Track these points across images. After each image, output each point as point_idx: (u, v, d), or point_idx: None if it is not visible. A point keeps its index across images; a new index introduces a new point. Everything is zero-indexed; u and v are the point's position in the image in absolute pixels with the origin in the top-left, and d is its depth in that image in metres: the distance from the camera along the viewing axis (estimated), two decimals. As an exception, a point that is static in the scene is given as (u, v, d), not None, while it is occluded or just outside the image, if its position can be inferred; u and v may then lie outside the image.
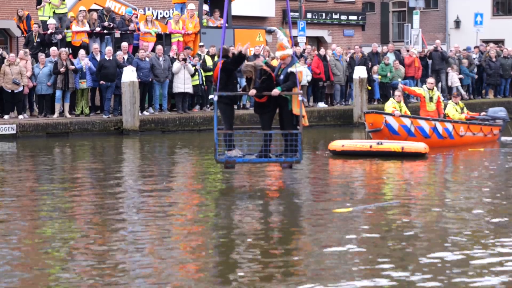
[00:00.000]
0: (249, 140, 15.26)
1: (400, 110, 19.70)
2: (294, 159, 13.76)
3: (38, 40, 24.22)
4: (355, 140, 19.55)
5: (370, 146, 17.74)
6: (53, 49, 23.30)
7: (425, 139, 19.31)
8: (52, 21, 24.34)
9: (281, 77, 13.78)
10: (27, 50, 23.49)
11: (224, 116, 14.07)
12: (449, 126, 20.00)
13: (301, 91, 13.85)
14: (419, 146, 17.72)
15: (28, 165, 17.41)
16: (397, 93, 20.27)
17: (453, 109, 20.96)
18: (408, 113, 20.08)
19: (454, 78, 28.89)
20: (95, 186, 14.22)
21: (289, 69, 13.74)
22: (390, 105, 19.85)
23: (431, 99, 20.37)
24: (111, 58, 23.36)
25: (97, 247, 9.36)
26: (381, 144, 17.78)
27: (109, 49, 23.73)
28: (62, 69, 22.56)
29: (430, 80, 21.13)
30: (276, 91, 13.56)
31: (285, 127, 13.89)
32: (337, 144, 18.06)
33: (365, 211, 11.41)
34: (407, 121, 19.43)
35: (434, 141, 19.52)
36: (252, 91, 13.63)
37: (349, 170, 16.27)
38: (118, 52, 23.82)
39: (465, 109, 21.37)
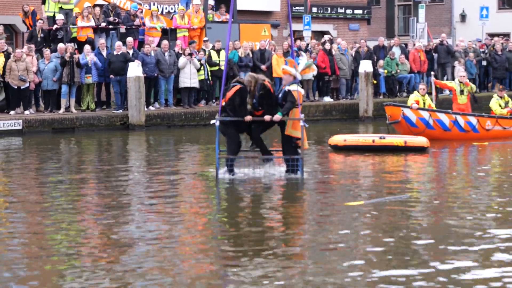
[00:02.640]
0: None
1: (424, 103, 19.98)
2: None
3: (42, 35, 24.23)
4: (357, 134, 19.54)
5: (373, 141, 17.73)
6: (60, 46, 23.29)
7: (444, 132, 19.71)
8: (60, 17, 24.35)
9: (280, 95, 13.81)
10: (32, 45, 23.49)
11: (230, 141, 13.89)
12: (473, 119, 20.12)
13: (303, 116, 13.78)
14: (422, 140, 17.76)
15: (34, 160, 17.44)
16: (421, 86, 20.58)
17: (496, 104, 20.98)
18: (433, 106, 20.33)
19: (460, 72, 28.77)
20: (101, 180, 14.24)
21: (287, 88, 13.73)
22: (412, 98, 20.19)
23: (462, 92, 20.80)
24: (119, 53, 23.37)
25: (104, 243, 9.39)
26: (384, 138, 17.79)
27: (118, 44, 23.74)
28: (68, 55, 22.57)
29: (463, 73, 21.60)
30: (277, 117, 13.56)
31: (284, 150, 13.98)
32: (339, 139, 18.04)
33: (376, 204, 11.43)
34: (425, 114, 19.70)
35: (455, 134, 19.83)
36: (248, 117, 13.55)
37: (354, 164, 16.25)
38: (124, 47, 23.81)
39: (510, 103, 21.27)
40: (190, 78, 24.13)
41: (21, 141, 20.63)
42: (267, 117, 13.57)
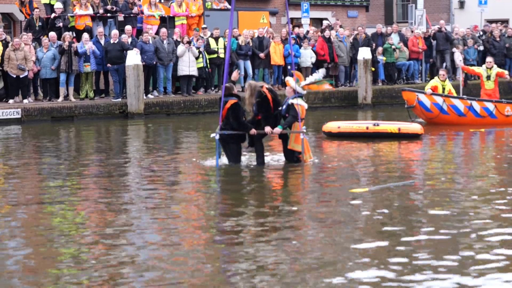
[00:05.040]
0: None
1: (444, 89, 20.62)
2: None
3: (40, 24, 24.21)
4: (351, 121, 19.56)
5: (367, 128, 17.82)
6: (52, 35, 23.25)
7: (459, 117, 20.30)
8: (59, 6, 24.34)
9: (284, 107, 13.82)
10: (29, 34, 23.44)
11: (231, 153, 13.84)
12: (490, 105, 20.50)
13: (304, 129, 13.83)
14: (416, 127, 17.91)
15: (33, 148, 17.45)
16: (441, 72, 21.22)
17: None
18: (453, 91, 20.90)
19: (460, 58, 28.77)
20: (100, 168, 14.25)
21: (290, 101, 13.75)
22: (430, 84, 20.98)
23: (488, 77, 21.42)
24: (116, 42, 23.36)
25: (102, 234, 9.42)
26: (378, 125, 17.87)
27: (115, 32, 23.71)
28: (66, 43, 22.54)
29: (489, 59, 22.20)
30: (277, 130, 13.59)
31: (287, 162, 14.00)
32: (333, 126, 18.11)
33: (382, 191, 11.47)
34: (439, 99, 20.34)
35: (471, 119, 20.30)
36: (253, 131, 13.60)
37: (351, 152, 16.23)
38: (122, 36, 23.82)
39: None
40: (188, 66, 24.12)
41: (20, 129, 20.64)
42: (267, 129, 13.62)
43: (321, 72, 14.61)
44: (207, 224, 9.83)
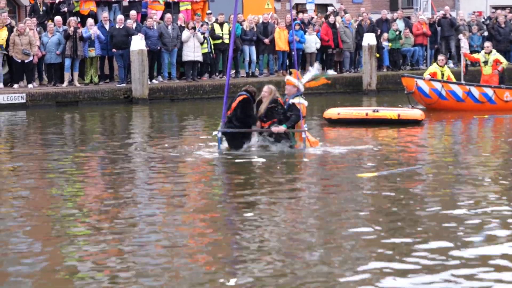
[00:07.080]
0: None
1: (443, 74, 20.73)
2: None
3: (44, 9, 24.21)
4: (351, 107, 19.55)
5: (366, 114, 17.84)
6: (57, 19, 23.26)
7: (458, 102, 20.39)
8: (63, -10, 24.40)
9: (285, 107, 13.83)
10: (33, 19, 23.44)
11: (234, 149, 13.83)
12: (489, 90, 20.54)
13: (306, 127, 13.87)
14: (416, 113, 17.96)
15: (38, 133, 17.50)
16: (440, 57, 21.39)
17: None
18: (452, 77, 20.98)
19: (466, 45, 28.73)
20: (104, 154, 14.27)
21: (291, 100, 13.77)
22: (429, 70, 21.18)
23: (485, 63, 21.50)
24: (121, 27, 23.36)
25: (107, 222, 9.46)
26: (377, 111, 17.90)
27: (120, 17, 23.71)
28: (71, 29, 22.52)
29: (487, 43, 22.40)
30: (282, 128, 13.60)
31: None
32: (333, 112, 18.16)
33: (390, 176, 11.48)
34: (437, 85, 20.48)
35: (470, 105, 20.39)
36: (257, 123, 13.64)
37: (355, 137, 16.22)
38: (127, 21, 23.81)
39: None
40: (193, 51, 24.11)
41: (25, 114, 20.68)
42: (280, 128, 13.60)
43: (315, 68, 14.59)
44: (211, 209, 9.86)
